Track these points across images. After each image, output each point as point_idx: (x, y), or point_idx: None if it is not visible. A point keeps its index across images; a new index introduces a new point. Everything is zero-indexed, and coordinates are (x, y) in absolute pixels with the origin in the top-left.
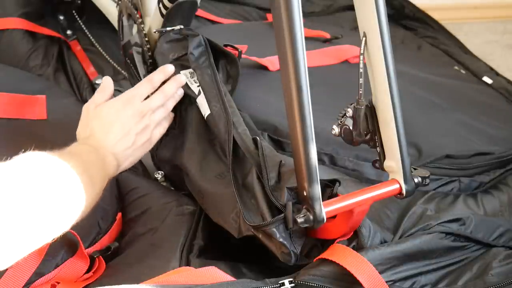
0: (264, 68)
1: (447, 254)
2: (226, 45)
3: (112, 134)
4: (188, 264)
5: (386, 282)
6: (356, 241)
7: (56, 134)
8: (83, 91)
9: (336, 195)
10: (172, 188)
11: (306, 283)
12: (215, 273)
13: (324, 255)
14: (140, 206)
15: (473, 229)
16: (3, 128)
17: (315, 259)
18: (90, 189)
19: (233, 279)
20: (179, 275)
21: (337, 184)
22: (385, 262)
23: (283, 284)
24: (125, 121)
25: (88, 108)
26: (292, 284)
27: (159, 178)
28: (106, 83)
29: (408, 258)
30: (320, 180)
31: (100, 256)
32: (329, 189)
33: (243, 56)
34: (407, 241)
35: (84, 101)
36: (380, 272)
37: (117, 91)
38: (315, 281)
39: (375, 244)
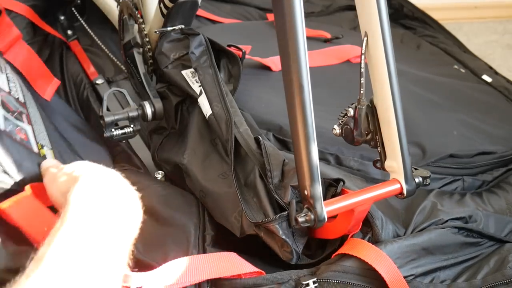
0: (267, 68)
1: (461, 250)
2: (230, 46)
3: None
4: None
5: (407, 276)
6: (371, 234)
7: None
8: (84, 91)
9: (339, 194)
10: None
11: (329, 280)
12: (235, 258)
13: (343, 249)
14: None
15: (484, 226)
16: None
17: (334, 255)
18: None
19: (253, 267)
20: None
21: (341, 183)
22: (404, 255)
23: (307, 285)
24: None
25: None
26: (316, 284)
27: (159, 178)
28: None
29: (425, 252)
30: (324, 179)
31: None
32: (333, 188)
33: (246, 56)
34: (423, 235)
35: (84, 101)
36: (400, 266)
37: (117, 91)
38: (338, 277)
39: (388, 236)
